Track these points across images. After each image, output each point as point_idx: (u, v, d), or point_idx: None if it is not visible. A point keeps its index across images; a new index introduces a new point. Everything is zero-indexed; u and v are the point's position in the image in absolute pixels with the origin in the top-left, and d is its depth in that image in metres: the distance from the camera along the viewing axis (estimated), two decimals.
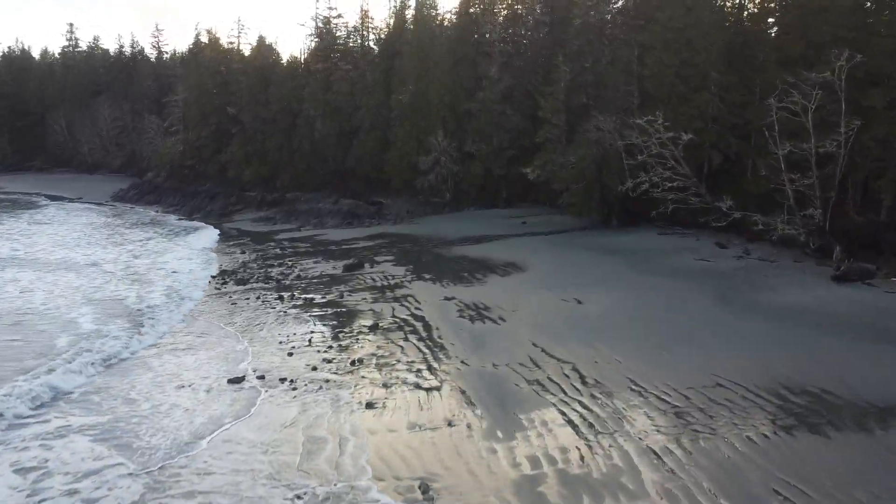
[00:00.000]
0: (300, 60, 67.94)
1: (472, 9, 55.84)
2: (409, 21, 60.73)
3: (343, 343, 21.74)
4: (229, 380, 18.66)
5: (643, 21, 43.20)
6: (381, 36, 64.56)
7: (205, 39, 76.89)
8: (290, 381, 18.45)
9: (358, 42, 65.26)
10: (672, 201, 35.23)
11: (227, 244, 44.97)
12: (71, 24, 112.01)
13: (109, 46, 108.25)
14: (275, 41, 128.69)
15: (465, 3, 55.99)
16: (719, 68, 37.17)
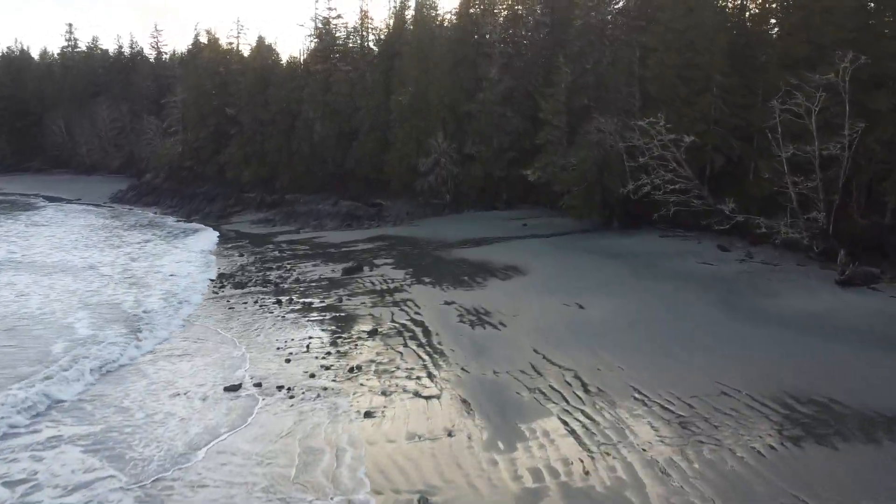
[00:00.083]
0: (299, 61, 67.67)
1: (472, 9, 55.49)
2: (408, 22, 60.35)
3: (341, 349, 21.44)
4: (226, 387, 18.36)
5: (644, 22, 42.88)
6: (381, 37, 64.21)
7: (204, 40, 76.72)
8: (288, 388, 18.14)
9: (357, 43, 64.98)
10: (674, 204, 34.83)
11: (225, 246, 44.59)
12: (70, 25, 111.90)
13: (108, 47, 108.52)
14: (274, 42, 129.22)
15: (465, 3, 55.63)
16: (721, 70, 36.77)
